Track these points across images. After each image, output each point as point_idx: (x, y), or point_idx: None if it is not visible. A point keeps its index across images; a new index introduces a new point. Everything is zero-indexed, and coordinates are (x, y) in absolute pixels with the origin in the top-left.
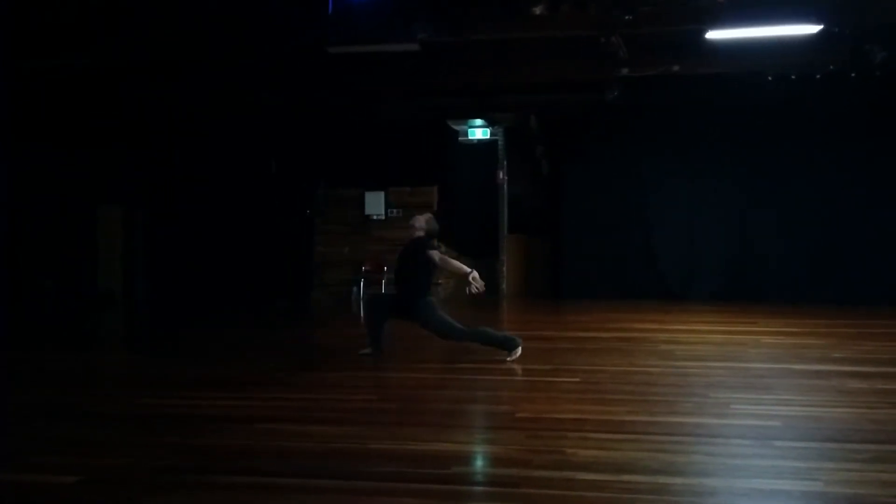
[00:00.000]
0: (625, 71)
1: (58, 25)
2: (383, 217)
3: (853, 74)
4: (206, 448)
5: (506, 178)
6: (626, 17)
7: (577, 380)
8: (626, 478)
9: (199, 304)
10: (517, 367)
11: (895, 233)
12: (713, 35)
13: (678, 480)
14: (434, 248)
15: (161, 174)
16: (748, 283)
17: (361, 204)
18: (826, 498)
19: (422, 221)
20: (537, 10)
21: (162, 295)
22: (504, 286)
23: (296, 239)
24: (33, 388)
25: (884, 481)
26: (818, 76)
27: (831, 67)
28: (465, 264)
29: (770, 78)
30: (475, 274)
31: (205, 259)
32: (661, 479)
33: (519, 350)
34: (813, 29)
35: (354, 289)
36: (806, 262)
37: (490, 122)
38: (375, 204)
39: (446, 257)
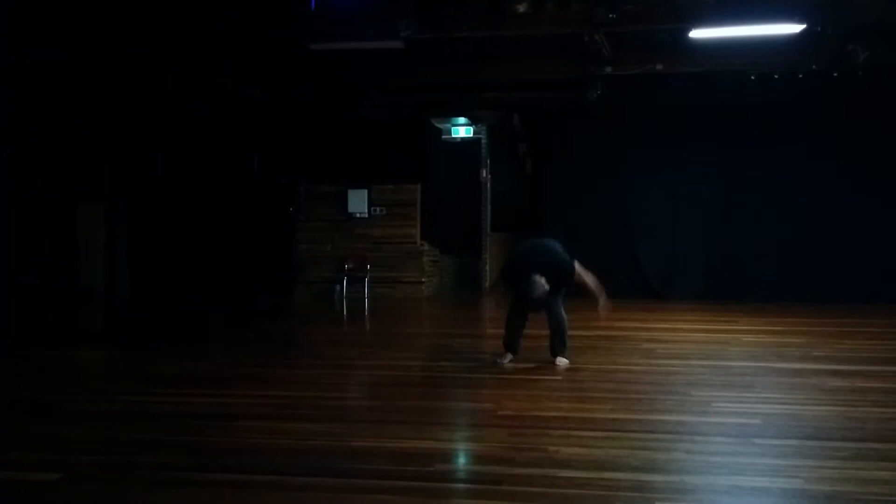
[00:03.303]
0: (608, 69)
1: (40, 20)
2: (366, 215)
3: (836, 74)
4: (188, 445)
5: (489, 176)
6: (610, 16)
7: (560, 378)
8: (607, 475)
9: (181, 300)
10: (499, 365)
11: (876, 231)
12: (697, 34)
13: (659, 478)
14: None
15: (143, 170)
16: (730, 281)
17: (344, 201)
18: (806, 495)
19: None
20: (521, 9)
21: (143, 291)
22: (487, 284)
23: (278, 236)
24: (14, 385)
25: (863, 478)
26: (801, 75)
27: (814, 67)
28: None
29: (753, 77)
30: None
31: (187, 256)
32: (643, 477)
33: (506, 358)
34: (796, 28)
35: (337, 286)
36: (788, 261)
37: (473, 120)
38: (358, 201)
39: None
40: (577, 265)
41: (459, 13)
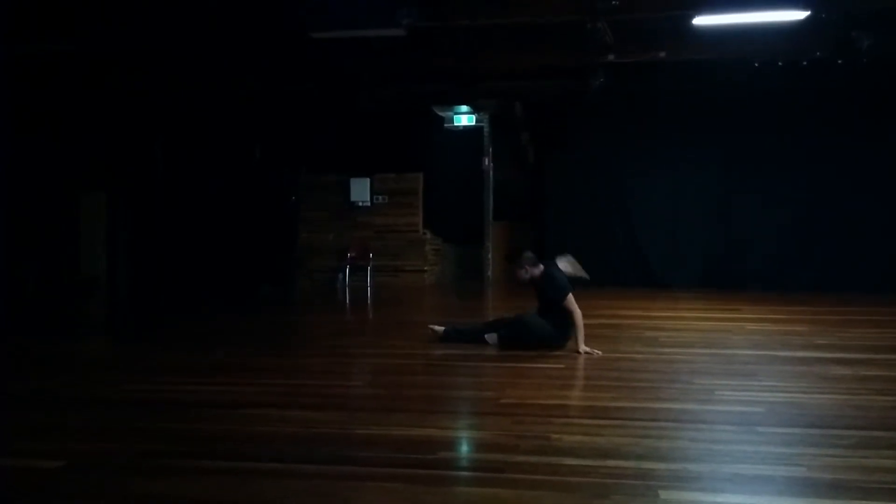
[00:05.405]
0: (611, 57)
1: (40, 11)
2: (369, 203)
3: (840, 61)
4: (190, 433)
5: (491, 164)
6: (613, 3)
7: (562, 366)
8: (610, 463)
9: (183, 290)
10: (501, 354)
11: (879, 219)
12: (700, 21)
13: (662, 465)
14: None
15: (144, 161)
16: (733, 269)
17: (346, 190)
18: (809, 483)
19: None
20: None
21: (145, 282)
22: (489, 273)
23: (280, 225)
24: (17, 375)
25: (866, 466)
26: (804, 63)
27: (818, 54)
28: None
29: (756, 65)
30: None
31: (189, 245)
32: (646, 465)
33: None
34: (800, 15)
35: (340, 275)
36: (790, 249)
37: (475, 109)
38: (361, 190)
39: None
40: (570, 296)
41: (461, 1)
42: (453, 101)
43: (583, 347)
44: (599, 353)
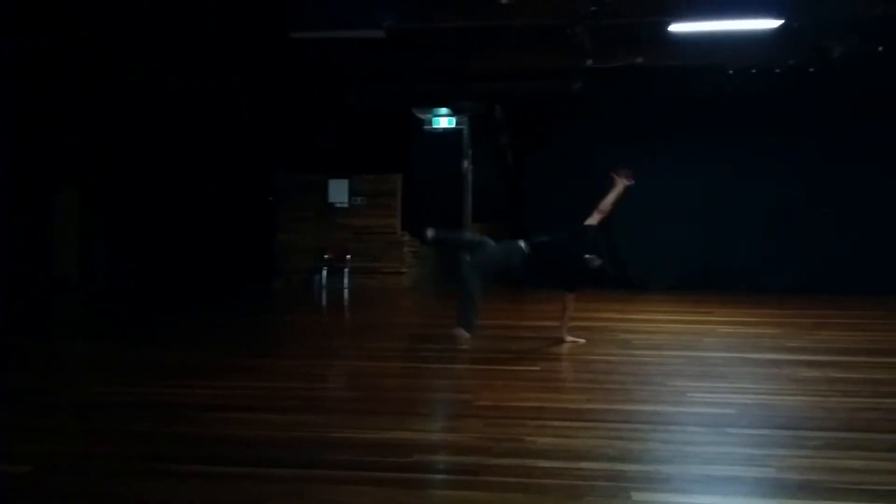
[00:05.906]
0: (590, 62)
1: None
2: (346, 205)
3: (812, 69)
4: (164, 436)
5: (471, 166)
6: (592, 8)
7: (537, 368)
8: (583, 465)
9: (159, 291)
10: (477, 356)
11: (851, 224)
12: (676, 28)
13: (634, 467)
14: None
15: (120, 160)
16: (707, 273)
17: (325, 191)
18: (778, 484)
19: None
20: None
21: (120, 281)
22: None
23: (258, 226)
24: None
25: (834, 467)
26: (777, 70)
27: (791, 62)
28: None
29: (731, 71)
30: None
31: (165, 246)
32: (618, 466)
33: (465, 336)
34: (774, 23)
35: (316, 277)
36: (763, 254)
37: (455, 111)
38: (339, 191)
39: None
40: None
41: (442, 3)
42: (435, 103)
43: (568, 337)
44: (583, 341)
